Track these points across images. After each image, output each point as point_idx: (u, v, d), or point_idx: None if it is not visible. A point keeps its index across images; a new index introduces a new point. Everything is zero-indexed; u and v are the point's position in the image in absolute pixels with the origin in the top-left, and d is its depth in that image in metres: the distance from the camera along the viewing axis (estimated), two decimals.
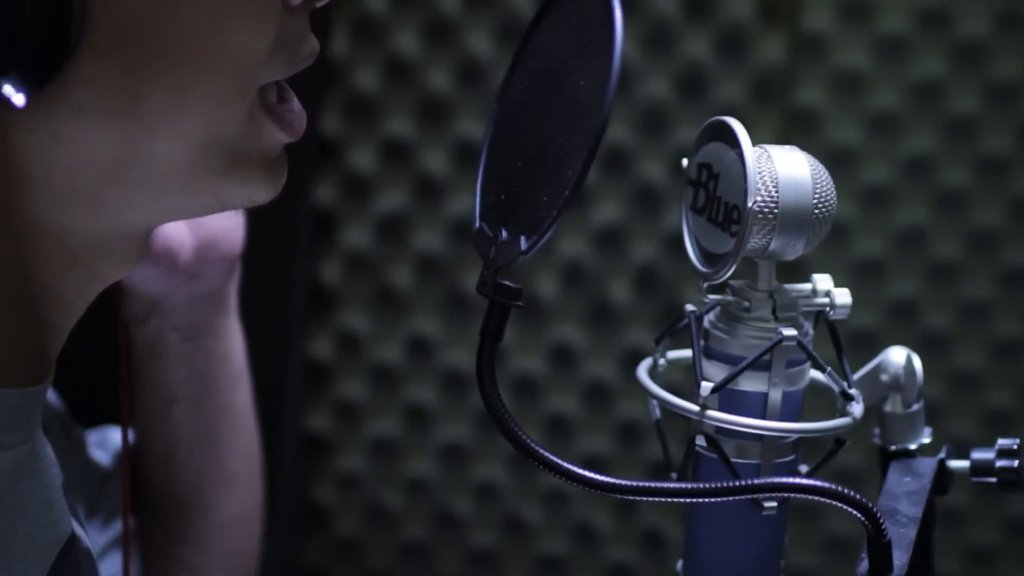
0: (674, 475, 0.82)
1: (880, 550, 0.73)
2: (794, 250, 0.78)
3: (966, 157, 1.58)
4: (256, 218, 1.56)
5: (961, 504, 1.63)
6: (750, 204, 0.76)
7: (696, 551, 0.84)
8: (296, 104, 0.77)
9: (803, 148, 1.02)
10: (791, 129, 1.57)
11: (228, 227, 0.97)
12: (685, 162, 0.81)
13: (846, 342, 0.88)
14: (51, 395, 0.92)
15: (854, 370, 0.86)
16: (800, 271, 0.83)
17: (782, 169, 0.77)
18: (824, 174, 0.78)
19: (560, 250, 1.62)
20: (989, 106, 1.57)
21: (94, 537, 0.91)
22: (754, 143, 0.78)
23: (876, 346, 0.92)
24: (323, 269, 1.63)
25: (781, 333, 0.77)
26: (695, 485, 0.73)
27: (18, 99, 0.67)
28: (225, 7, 0.71)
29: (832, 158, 1.57)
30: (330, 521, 1.68)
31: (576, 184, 0.67)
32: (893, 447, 0.88)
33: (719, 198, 0.78)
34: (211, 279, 0.95)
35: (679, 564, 0.85)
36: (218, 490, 0.99)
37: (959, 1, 1.55)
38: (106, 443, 0.98)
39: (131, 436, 0.98)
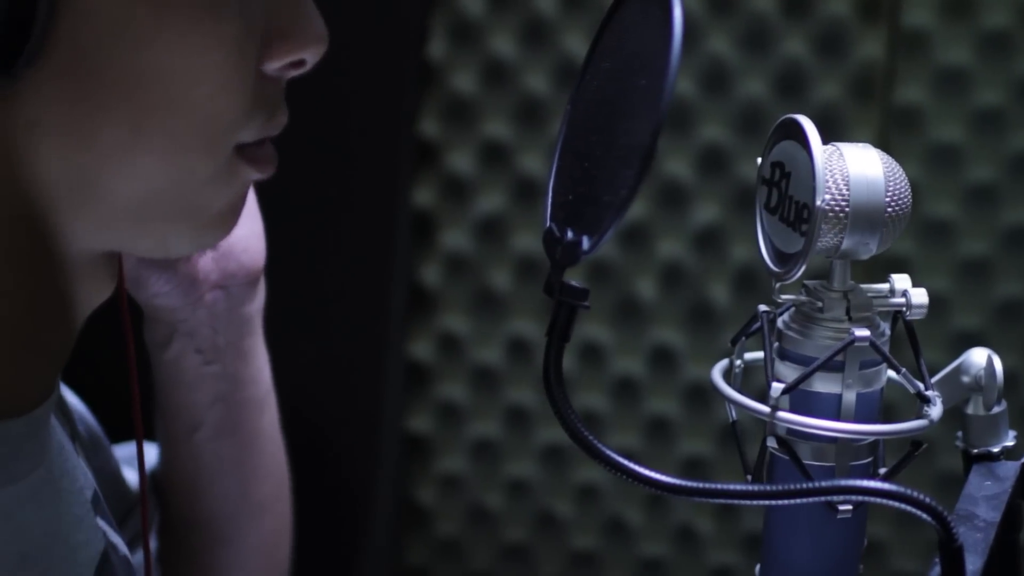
0: (749, 477, 0.82)
1: (951, 554, 0.72)
2: (867, 249, 0.77)
3: None
4: (356, 221, 1.59)
5: None
6: (818, 202, 0.75)
7: (773, 555, 0.83)
8: (270, 145, 0.76)
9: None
10: (893, 128, 1.55)
11: (247, 236, 0.92)
12: (759, 160, 0.80)
13: (953, 344, 0.87)
14: (76, 402, 0.91)
15: None
16: (905, 271, 0.81)
17: (854, 167, 0.76)
18: (898, 172, 0.77)
19: (659, 251, 1.61)
20: None
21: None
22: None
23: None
24: (423, 271, 1.64)
25: (853, 334, 0.76)
26: (759, 487, 0.72)
27: None
28: (192, 60, 0.70)
29: (935, 157, 1.55)
30: (431, 522, 1.69)
31: (634, 184, 0.66)
32: (975, 450, 0.87)
33: (790, 197, 0.77)
34: (233, 295, 0.91)
35: (757, 568, 0.84)
36: (244, 519, 0.95)
37: None
38: (135, 460, 0.94)
39: (156, 459, 0.96)
